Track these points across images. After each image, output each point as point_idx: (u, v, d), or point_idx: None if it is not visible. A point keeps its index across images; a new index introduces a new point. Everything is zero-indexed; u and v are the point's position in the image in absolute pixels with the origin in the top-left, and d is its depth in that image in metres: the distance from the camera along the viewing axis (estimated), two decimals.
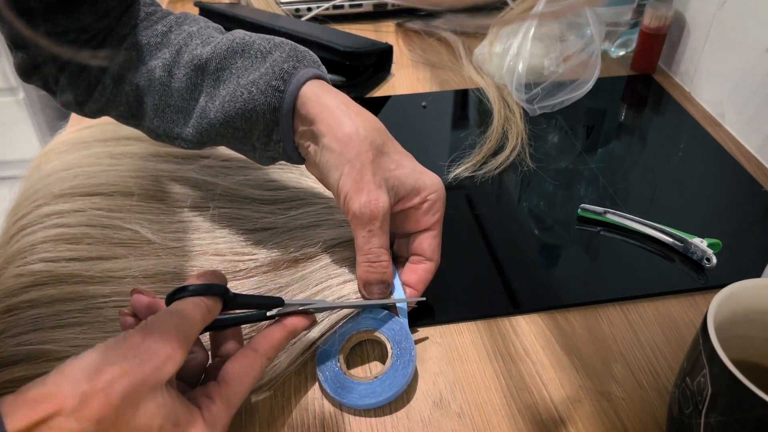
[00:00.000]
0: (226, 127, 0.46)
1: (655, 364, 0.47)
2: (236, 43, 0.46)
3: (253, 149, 0.47)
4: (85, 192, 0.56)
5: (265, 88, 0.44)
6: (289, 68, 0.44)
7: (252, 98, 0.44)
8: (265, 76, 0.44)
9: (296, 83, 0.44)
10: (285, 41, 0.47)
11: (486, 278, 0.53)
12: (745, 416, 0.32)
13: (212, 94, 0.46)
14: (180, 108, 0.47)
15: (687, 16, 0.77)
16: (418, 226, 0.47)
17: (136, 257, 0.51)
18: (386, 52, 0.82)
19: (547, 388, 0.45)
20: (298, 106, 0.44)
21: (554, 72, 0.76)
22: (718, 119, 0.74)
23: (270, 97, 0.44)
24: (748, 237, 0.58)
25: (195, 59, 0.46)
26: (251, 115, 0.45)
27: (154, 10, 0.50)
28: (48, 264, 0.49)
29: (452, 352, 0.48)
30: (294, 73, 0.44)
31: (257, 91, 0.44)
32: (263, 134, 0.46)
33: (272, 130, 0.45)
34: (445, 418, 0.43)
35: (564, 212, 0.61)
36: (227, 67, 0.46)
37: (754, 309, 0.38)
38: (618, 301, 0.51)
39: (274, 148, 0.47)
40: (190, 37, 0.48)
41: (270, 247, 0.52)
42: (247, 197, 0.57)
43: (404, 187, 0.45)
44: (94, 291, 0.48)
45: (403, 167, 0.45)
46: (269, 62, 0.45)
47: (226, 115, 0.45)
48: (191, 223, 0.54)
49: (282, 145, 0.46)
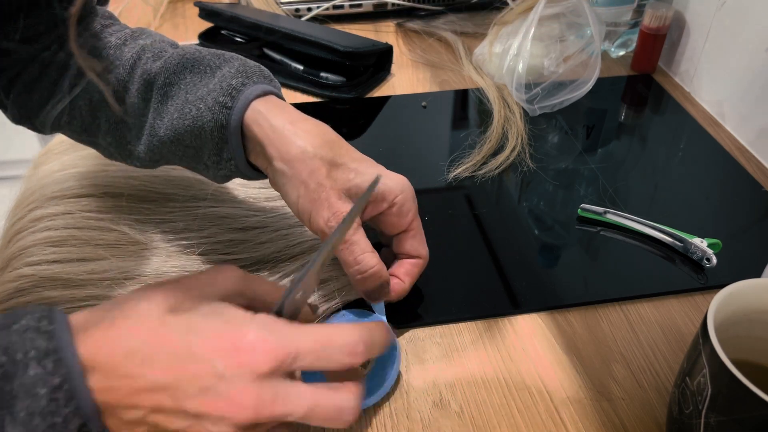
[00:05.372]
0: (177, 144, 0.45)
1: (655, 364, 0.47)
2: (186, 58, 0.45)
3: (206, 168, 0.46)
4: (75, 194, 0.56)
5: (213, 104, 0.43)
6: (238, 84, 0.43)
7: (200, 115, 0.43)
8: (213, 92, 0.43)
9: (244, 100, 0.43)
10: (235, 56, 0.46)
11: (486, 278, 0.53)
12: (745, 416, 0.32)
13: (160, 110, 0.45)
14: (132, 124, 0.46)
15: (687, 16, 0.77)
16: (396, 228, 0.47)
17: (118, 258, 0.51)
18: (386, 52, 0.82)
19: (547, 388, 0.45)
20: (245, 129, 0.43)
21: (554, 72, 0.76)
22: (718, 119, 0.74)
23: (217, 114, 0.42)
24: (748, 237, 0.58)
25: (145, 74, 0.45)
26: (200, 132, 0.43)
27: (111, 23, 0.49)
28: (33, 268, 0.49)
29: (452, 352, 0.48)
30: (242, 90, 0.43)
31: (205, 107, 0.43)
32: (213, 153, 0.44)
33: (222, 148, 0.44)
34: (445, 418, 0.43)
35: (564, 212, 0.61)
36: (176, 83, 0.44)
37: (754, 309, 0.38)
38: (618, 301, 0.51)
39: (226, 167, 0.45)
40: (143, 50, 0.47)
41: (255, 246, 0.53)
42: (239, 196, 0.57)
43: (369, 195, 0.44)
44: (71, 295, 0.48)
45: (363, 174, 0.44)
46: (218, 78, 0.44)
47: (175, 132, 0.44)
48: (180, 223, 0.54)
49: (234, 163, 0.44)
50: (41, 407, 0.28)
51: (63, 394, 0.29)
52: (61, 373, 0.29)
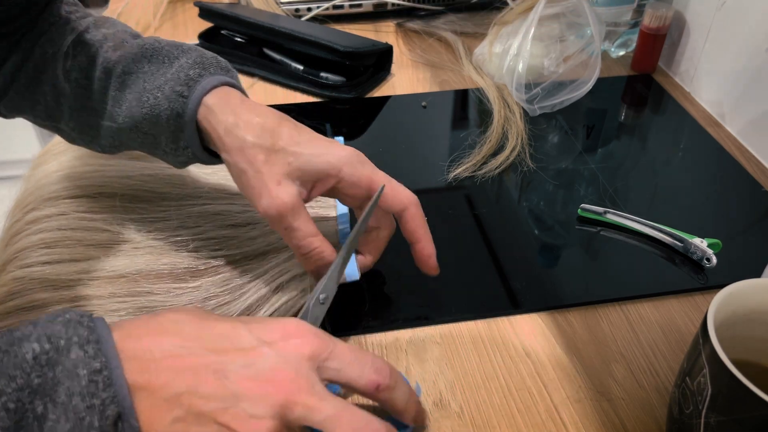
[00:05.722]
0: (135, 132, 0.46)
1: (655, 364, 0.47)
2: (145, 48, 0.46)
3: (165, 154, 0.48)
4: (71, 195, 0.56)
5: (170, 93, 0.44)
6: (195, 75, 0.44)
7: (157, 103, 0.44)
8: (170, 81, 0.44)
9: (201, 90, 0.44)
10: (194, 47, 0.47)
11: (486, 278, 0.53)
12: (745, 416, 0.32)
13: (119, 98, 0.46)
14: (93, 111, 0.48)
15: (687, 16, 0.77)
16: (355, 202, 0.47)
17: (108, 258, 0.51)
18: (386, 52, 0.82)
19: (547, 388, 0.45)
20: (199, 120, 0.45)
21: (554, 72, 0.76)
22: (718, 119, 0.74)
23: (174, 103, 0.44)
24: (748, 237, 0.58)
25: (105, 62, 0.46)
26: (157, 120, 0.45)
27: (75, 9, 0.50)
28: (24, 270, 0.49)
29: (452, 352, 0.48)
30: (199, 80, 0.44)
31: (162, 96, 0.44)
32: (170, 140, 0.46)
33: (178, 136, 0.45)
34: (445, 418, 0.43)
35: (564, 212, 0.61)
36: (134, 72, 0.46)
37: (754, 309, 0.38)
38: (618, 301, 0.51)
39: (183, 154, 0.46)
40: (105, 39, 0.48)
41: (246, 242, 0.53)
42: (234, 192, 0.57)
43: (310, 174, 0.44)
44: (60, 296, 0.48)
45: (302, 155, 0.44)
46: (175, 68, 0.45)
47: (133, 120, 0.45)
48: (174, 221, 0.55)
49: (191, 151, 0.46)
50: (81, 387, 0.29)
51: (102, 378, 0.30)
52: (101, 360, 0.30)
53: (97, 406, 0.29)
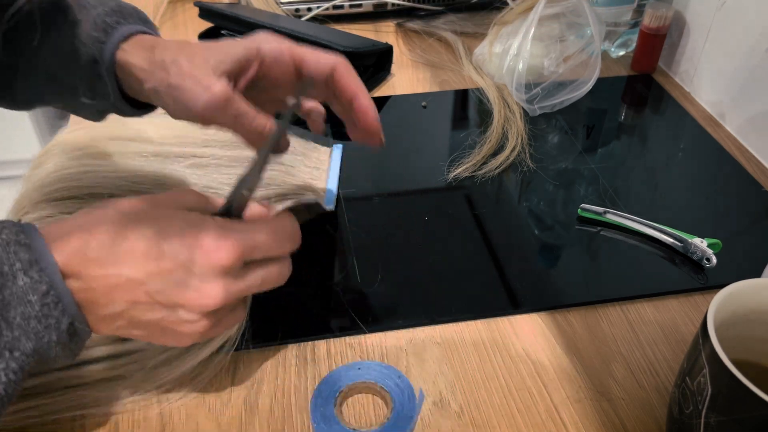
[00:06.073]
0: (51, 82, 0.46)
1: (655, 364, 0.47)
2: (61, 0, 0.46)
3: (82, 106, 0.48)
4: (62, 196, 0.56)
5: (86, 38, 0.44)
6: (112, 22, 0.45)
7: (74, 50, 0.44)
8: (86, 28, 0.44)
9: (118, 36, 0.44)
10: None
11: (486, 278, 0.53)
12: (745, 416, 0.32)
13: (36, 50, 0.46)
14: (8, 65, 0.47)
15: (687, 16, 0.78)
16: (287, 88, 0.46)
17: None
18: (386, 52, 0.82)
19: (547, 388, 0.45)
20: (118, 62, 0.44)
21: (554, 72, 0.76)
22: (718, 119, 0.74)
23: (90, 48, 0.44)
24: (748, 237, 0.58)
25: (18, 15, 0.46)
26: (74, 68, 0.45)
27: None
28: None
29: (452, 352, 0.48)
30: (117, 27, 0.44)
31: (78, 42, 0.44)
32: (87, 89, 0.46)
33: (95, 83, 0.45)
34: (445, 418, 0.43)
35: (564, 212, 0.61)
36: (51, 22, 0.45)
37: (754, 309, 0.38)
38: (618, 301, 0.51)
39: (100, 102, 0.46)
40: None
41: None
42: (223, 193, 0.57)
43: (232, 63, 0.44)
44: None
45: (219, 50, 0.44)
46: (92, 16, 0.45)
47: (49, 69, 0.45)
48: None
49: (111, 97, 0.46)
50: (36, 311, 0.32)
51: (51, 298, 0.33)
52: (46, 281, 0.32)
53: (53, 324, 0.33)
